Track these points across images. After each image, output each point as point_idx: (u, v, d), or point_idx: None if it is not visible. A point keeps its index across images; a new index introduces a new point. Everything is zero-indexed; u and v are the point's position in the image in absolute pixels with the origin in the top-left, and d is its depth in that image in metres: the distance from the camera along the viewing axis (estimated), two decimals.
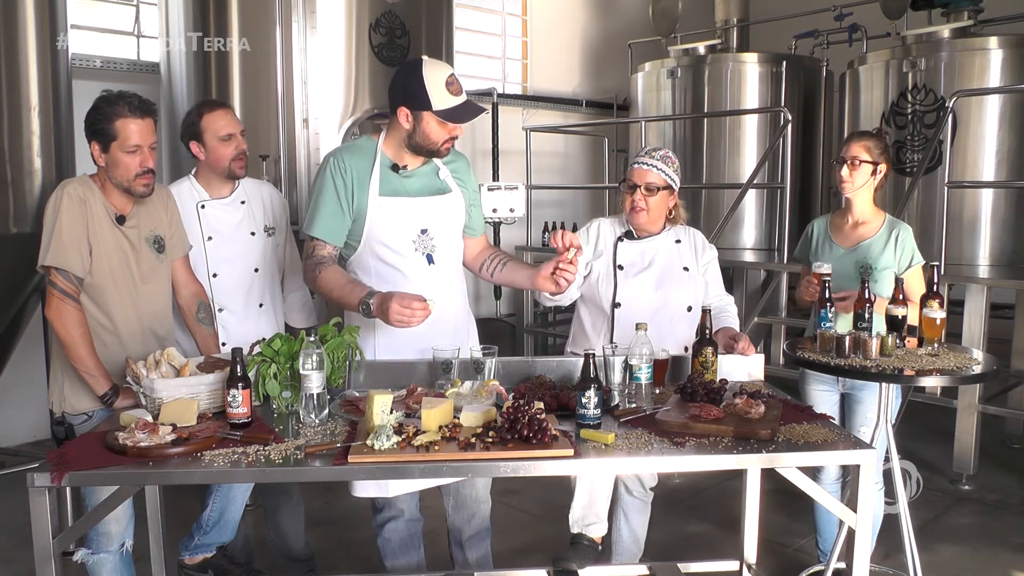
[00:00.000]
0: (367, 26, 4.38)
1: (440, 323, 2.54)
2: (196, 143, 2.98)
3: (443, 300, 2.48)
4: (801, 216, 6.63)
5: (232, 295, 3.08)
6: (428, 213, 2.63)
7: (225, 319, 3.07)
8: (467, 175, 2.77)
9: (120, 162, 2.47)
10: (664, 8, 7.25)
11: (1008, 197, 5.22)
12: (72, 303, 2.44)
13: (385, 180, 2.58)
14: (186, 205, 2.97)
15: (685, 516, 4.02)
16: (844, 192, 3.08)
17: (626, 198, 2.85)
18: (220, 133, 2.95)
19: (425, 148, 2.56)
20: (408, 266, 2.61)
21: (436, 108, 2.46)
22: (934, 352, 2.77)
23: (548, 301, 2.78)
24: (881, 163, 3.04)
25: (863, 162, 3.02)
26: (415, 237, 2.61)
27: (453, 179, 2.70)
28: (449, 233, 2.69)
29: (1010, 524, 3.95)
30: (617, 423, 2.23)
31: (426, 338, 2.54)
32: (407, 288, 2.48)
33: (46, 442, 4.72)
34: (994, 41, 5.32)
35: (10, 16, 3.41)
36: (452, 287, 2.71)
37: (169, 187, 2.99)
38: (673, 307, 2.86)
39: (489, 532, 2.95)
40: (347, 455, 1.96)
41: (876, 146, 3.05)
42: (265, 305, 3.16)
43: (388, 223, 2.58)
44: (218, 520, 3.01)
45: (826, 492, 2.25)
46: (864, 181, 3.04)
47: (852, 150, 3.05)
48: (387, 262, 2.61)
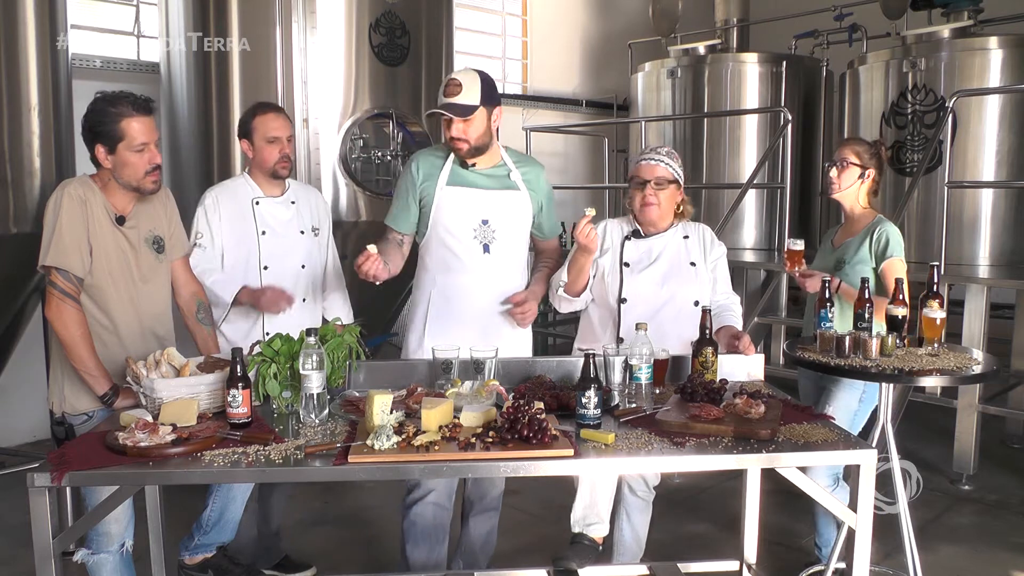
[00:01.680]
0: (367, 26, 4.38)
1: (496, 313, 2.85)
2: (246, 141, 3.12)
3: (499, 291, 2.84)
4: (801, 216, 6.63)
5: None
6: (491, 205, 2.84)
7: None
8: (538, 181, 2.96)
9: (129, 162, 2.47)
10: (664, 8, 7.25)
11: (1008, 197, 5.22)
12: (72, 303, 2.44)
13: (454, 173, 2.84)
14: (241, 200, 3.13)
15: (685, 516, 4.02)
16: (831, 193, 3.18)
17: (635, 195, 2.86)
18: (268, 135, 3.09)
19: (451, 146, 2.80)
20: (465, 252, 2.83)
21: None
22: (934, 352, 2.77)
23: (565, 305, 2.89)
24: (869, 168, 3.13)
25: (851, 164, 3.12)
26: (476, 226, 2.82)
27: (523, 181, 2.90)
28: (510, 228, 2.88)
29: (1010, 524, 3.95)
30: (617, 423, 2.23)
31: (479, 324, 2.82)
32: (462, 274, 2.82)
33: (46, 442, 4.72)
34: (994, 41, 5.32)
35: (10, 16, 3.41)
36: (509, 279, 2.90)
37: (226, 182, 3.19)
38: (679, 302, 2.86)
39: (497, 513, 3.11)
40: (347, 455, 1.96)
41: (866, 151, 3.14)
42: (308, 300, 3.25)
43: (452, 210, 2.82)
44: (218, 520, 3.01)
45: (826, 492, 2.25)
46: (851, 183, 3.13)
47: (841, 152, 3.16)
48: (447, 246, 2.84)
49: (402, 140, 4.41)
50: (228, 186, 3.20)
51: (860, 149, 3.14)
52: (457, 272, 2.83)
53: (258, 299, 3.04)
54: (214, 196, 3.14)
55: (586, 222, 2.61)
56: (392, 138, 4.40)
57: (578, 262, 2.76)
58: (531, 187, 2.92)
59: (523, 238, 2.96)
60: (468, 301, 2.84)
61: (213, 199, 3.13)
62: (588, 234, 2.62)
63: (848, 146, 3.17)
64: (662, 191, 2.83)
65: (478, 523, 3.09)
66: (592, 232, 2.63)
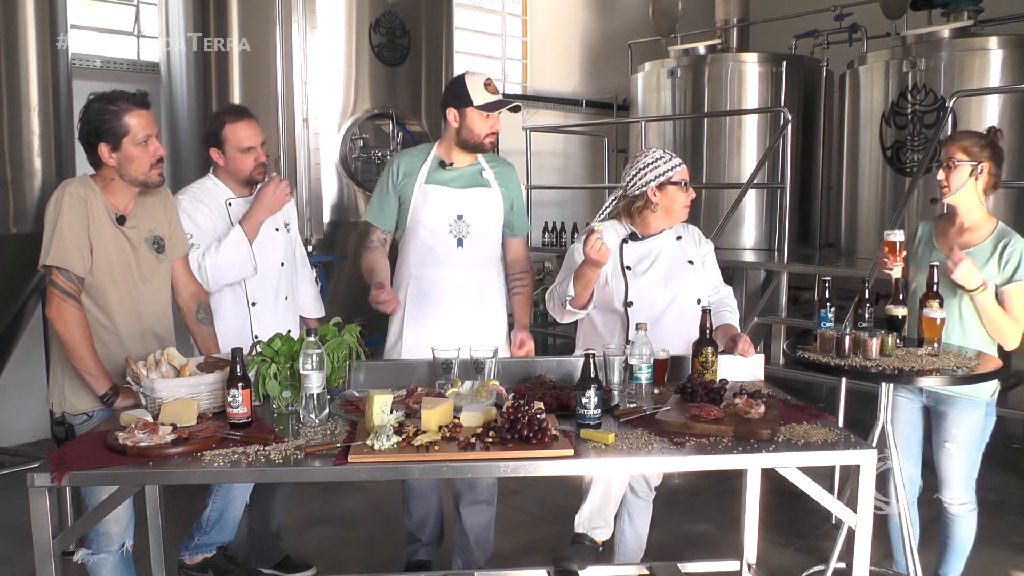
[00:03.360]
0: (367, 26, 4.38)
1: (471, 301, 3.01)
2: (216, 150, 3.00)
3: (472, 288, 3.02)
4: (801, 216, 6.63)
5: (264, 289, 3.13)
6: (465, 201, 3.01)
7: (259, 312, 3.11)
8: (509, 179, 3.13)
9: (134, 156, 2.47)
10: (664, 8, 7.25)
11: (1008, 197, 5.22)
12: (73, 303, 2.44)
13: (432, 172, 3.02)
14: (212, 202, 3.03)
15: (685, 516, 4.02)
16: (943, 198, 2.86)
17: (678, 197, 2.85)
18: (242, 145, 2.98)
19: (471, 142, 2.97)
20: (440, 245, 3.00)
21: (477, 103, 2.90)
22: (934, 352, 2.76)
23: (568, 317, 2.90)
24: (982, 161, 2.80)
25: (961, 162, 2.80)
26: (451, 221, 3.00)
27: (495, 179, 3.07)
28: (483, 223, 3.05)
29: (1010, 524, 3.95)
30: (617, 423, 2.23)
31: (455, 313, 2.99)
32: (437, 266, 3.00)
33: (46, 442, 4.72)
34: (994, 41, 5.32)
35: (10, 16, 3.41)
36: (481, 271, 3.06)
37: (193, 185, 3.06)
38: (682, 302, 2.87)
39: (492, 508, 3.22)
40: (347, 455, 1.96)
41: (975, 144, 2.82)
42: (289, 298, 3.23)
43: (429, 206, 3.00)
44: (218, 520, 3.00)
45: (826, 492, 2.24)
46: (963, 183, 2.81)
47: (948, 151, 2.84)
48: (424, 240, 3.02)
49: (402, 140, 4.41)
50: (198, 189, 3.04)
51: (968, 143, 2.81)
52: (432, 265, 3.01)
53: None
54: (189, 197, 3.01)
55: (596, 238, 2.61)
56: (392, 138, 4.40)
57: (585, 275, 2.75)
58: (502, 184, 3.08)
59: (495, 233, 3.12)
60: (443, 291, 3.01)
61: (189, 199, 3.00)
62: (599, 249, 2.62)
63: (955, 143, 2.84)
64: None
65: (471, 515, 3.16)
66: (603, 247, 2.63)
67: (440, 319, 2.98)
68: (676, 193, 2.86)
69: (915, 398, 2.97)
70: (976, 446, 2.87)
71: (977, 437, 2.86)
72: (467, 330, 2.87)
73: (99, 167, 2.52)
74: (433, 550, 3.31)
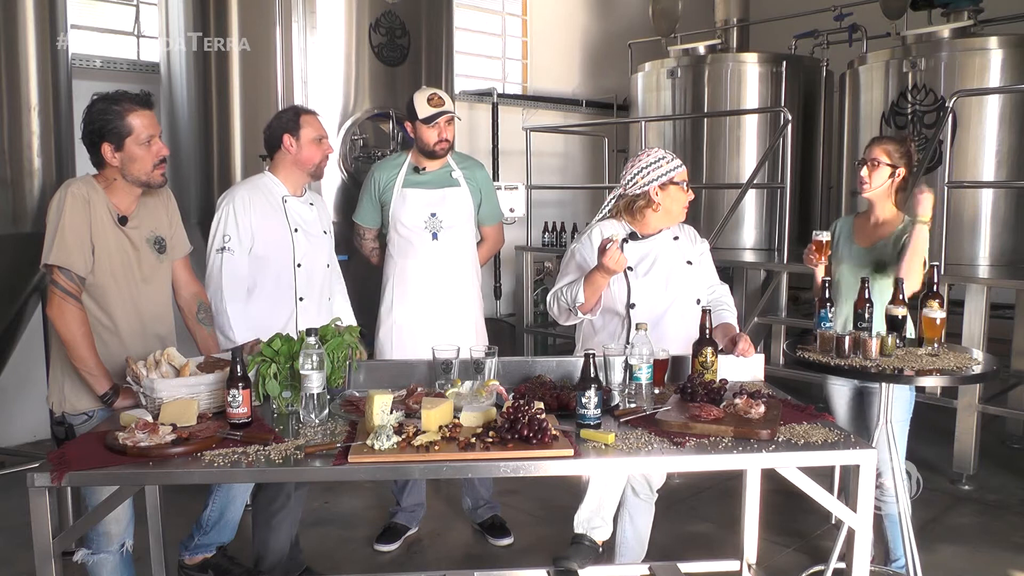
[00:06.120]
0: (367, 26, 4.37)
1: (446, 285, 3.42)
2: (290, 136, 3.08)
3: (447, 274, 3.43)
4: (801, 216, 6.63)
5: (312, 286, 3.19)
6: (437, 201, 3.44)
7: (306, 308, 3.15)
8: (475, 176, 3.54)
9: (137, 156, 2.48)
10: (664, 8, 7.25)
11: (1008, 197, 5.22)
12: (74, 302, 2.44)
13: (408, 176, 3.46)
14: (270, 197, 3.10)
15: (685, 516, 4.02)
16: (862, 192, 3.16)
17: (682, 197, 2.87)
18: (315, 134, 3.11)
19: (425, 150, 3.41)
20: (417, 240, 3.42)
21: (420, 117, 3.33)
22: (934, 352, 2.76)
23: (573, 320, 2.90)
24: (900, 167, 3.11)
25: (881, 164, 3.09)
26: (426, 218, 3.42)
27: (464, 178, 3.49)
28: (455, 218, 3.45)
29: (1010, 524, 3.94)
30: (617, 423, 2.23)
31: (433, 295, 3.42)
32: (415, 258, 3.42)
33: (46, 442, 4.72)
34: (994, 41, 5.31)
35: (10, 16, 3.41)
36: (455, 261, 3.46)
37: (249, 180, 3.16)
38: (683, 302, 2.87)
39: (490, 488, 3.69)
40: (347, 455, 1.96)
41: (896, 149, 3.11)
42: (331, 299, 3.32)
43: (406, 207, 3.43)
44: (218, 520, 3.01)
45: (826, 492, 2.24)
46: (882, 183, 3.10)
47: (872, 152, 3.13)
48: (403, 236, 3.45)
49: (402, 140, 4.41)
50: (256, 183, 3.12)
51: (891, 148, 3.12)
52: (411, 257, 3.43)
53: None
54: (245, 194, 3.07)
55: (614, 247, 2.60)
56: (392, 138, 4.39)
57: (597, 282, 2.73)
58: (470, 182, 3.50)
59: (467, 226, 3.52)
60: (422, 279, 3.43)
61: (245, 197, 3.05)
62: (617, 260, 2.61)
63: (879, 145, 3.15)
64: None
65: (473, 490, 3.69)
66: (621, 257, 2.62)
67: (420, 301, 3.43)
68: (677, 193, 2.86)
69: (846, 382, 3.19)
70: (905, 423, 3.08)
71: (906, 422, 3.08)
72: (443, 310, 3.41)
73: (102, 167, 2.53)
74: (410, 517, 3.69)
